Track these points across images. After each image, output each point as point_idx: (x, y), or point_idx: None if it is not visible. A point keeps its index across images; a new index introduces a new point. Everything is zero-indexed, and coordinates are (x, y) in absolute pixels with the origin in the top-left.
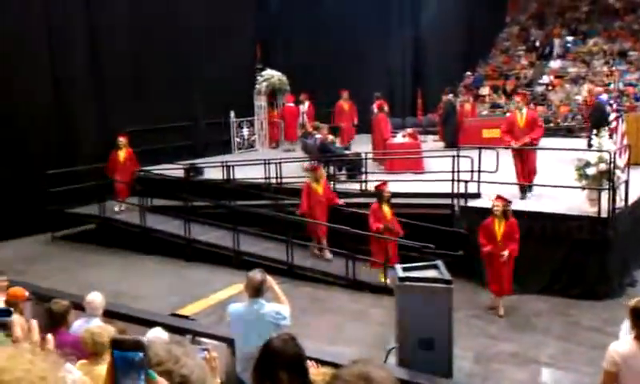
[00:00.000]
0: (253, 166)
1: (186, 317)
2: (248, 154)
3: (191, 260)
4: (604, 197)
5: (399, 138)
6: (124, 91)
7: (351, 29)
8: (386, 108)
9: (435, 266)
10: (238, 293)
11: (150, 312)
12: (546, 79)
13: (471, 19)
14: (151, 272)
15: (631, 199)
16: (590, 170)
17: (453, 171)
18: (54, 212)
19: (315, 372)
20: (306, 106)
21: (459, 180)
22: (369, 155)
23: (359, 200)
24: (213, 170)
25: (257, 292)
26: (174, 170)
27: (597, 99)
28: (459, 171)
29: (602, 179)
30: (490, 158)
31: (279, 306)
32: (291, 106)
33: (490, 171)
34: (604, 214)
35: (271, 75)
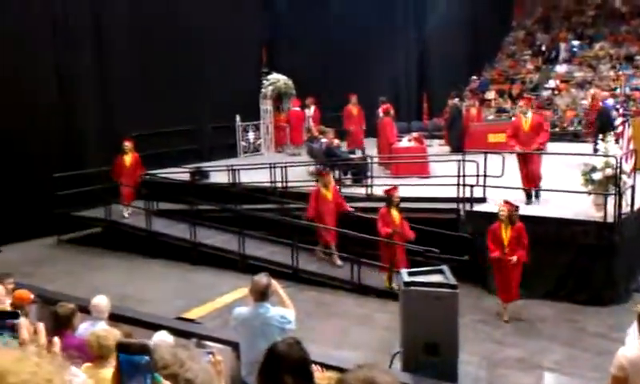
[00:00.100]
0: (258, 170)
1: (192, 320)
2: (253, 158)
3: (197, 264)
4: (610, 202)
5: (405, 142)
6: (130, 95)
7: (357, 33)
8: (391, 112)
9: (441, 271)
10: (243, 296)
11: (156, 315)
12: (552, 83)
13: (477, 23)
14: (157, 275)
15: (637, 204)
16: (596, 175)
17: (458, 175)
18: (60, 215)
19: (320, 376)
20: (311, 110)
21: (465, 184)
22: (374, 159)
23: (365, 204)
24: (218, 174)
25: (262, 296)
26: (179, 174)
27: (603, 104)
28: (465, 176)
29: (608, 184)
30: (496, 162)
31: (284, 310)
32: (297, 110)
33: (496, 176)
34: (610, 219)
35: (277, 79)
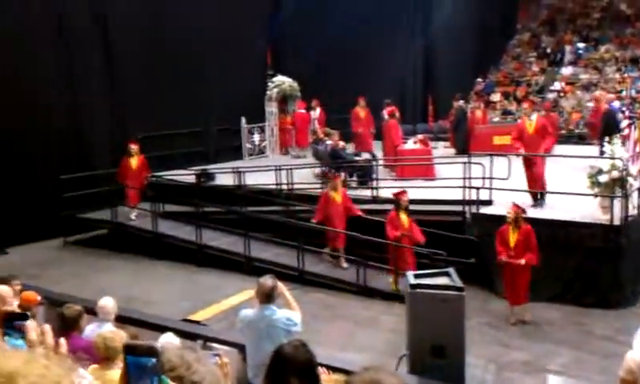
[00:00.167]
0: (264, 172)
1: (198, 322)
2: (259, 160)
3: (202, 265)
4: (616, 204)
5: (410, 144)
6: (137, 97)
7: (362, 35)
8: (396, 114)
9: (447, 274)
10: (249, 299)
11: (162, 317)
12: (557, 86)
13: (482, 26)
14: (163, 277)
15: None
16: (603, 178)
17: (464, 178)
18: (66, 217)
19: (326, 379)
20: (317, 112)
21: (470, 187)
22: (379, 161)
23: (370, 207)
24: (224, 176)
25: (268, 298)
26: (185, 176)
27: (609, 106)
28: (470, 178)
29: (614, 187)
30: (502, 164)
31: (290, 313)
32: (302, 112)
33: (502, 178)
34: (617, 222)
35: (282, 81)
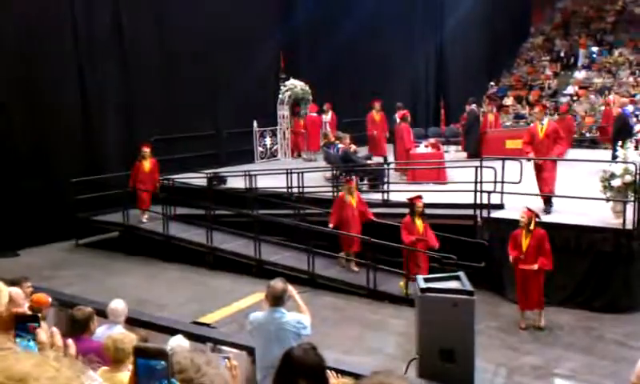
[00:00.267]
0: (275, 176)
1: (207, 325)
2: (270, 164)
3: (213, 268)
4: (629, 209)
5: (422, 148)
6: (149, 100)
7: (375, 39)
8: (408, 118)
9: (457, 277)
10: (259, 301)
11: (172, 319)
12: (570, 90)
13: (495, 29)
14: (174, 280)
15: None
16: (615, 182)
17: (476, 182)
18: (78, 219)
19: (336, 382)
20: (329, 116)
21: (482, 191)
22: (391, 165)
23: (382, 210)
24: (235, 179)
25: (278, 301)
26: (197, 179)
27: (622, 111)
28: (482, 182)
29: (627, 191)
30: (514, 168)
31: (300, 316)
32: (314, 115)
33: (514, 182)
34: (629, 226)
35: (294, 85)
